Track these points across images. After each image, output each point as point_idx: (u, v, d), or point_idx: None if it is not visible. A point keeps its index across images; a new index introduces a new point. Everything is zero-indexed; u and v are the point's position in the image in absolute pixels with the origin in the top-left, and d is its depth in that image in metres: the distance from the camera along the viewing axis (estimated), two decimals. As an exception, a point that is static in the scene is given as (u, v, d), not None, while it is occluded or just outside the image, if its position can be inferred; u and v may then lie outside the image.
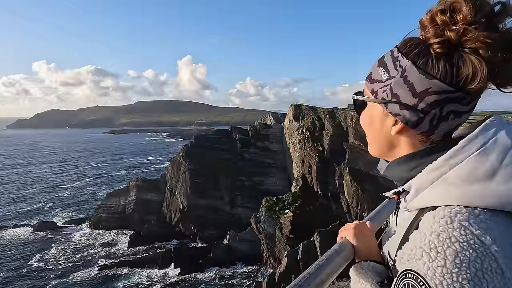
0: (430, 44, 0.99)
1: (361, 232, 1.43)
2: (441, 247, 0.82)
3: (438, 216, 0.89)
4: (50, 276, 52.29)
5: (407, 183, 1.09)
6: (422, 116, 1.01)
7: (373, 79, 1.13)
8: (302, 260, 39.07)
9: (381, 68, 1.10)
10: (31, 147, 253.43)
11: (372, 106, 1.16)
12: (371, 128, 1.20)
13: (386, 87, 1.07)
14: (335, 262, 1.24)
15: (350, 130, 57.36)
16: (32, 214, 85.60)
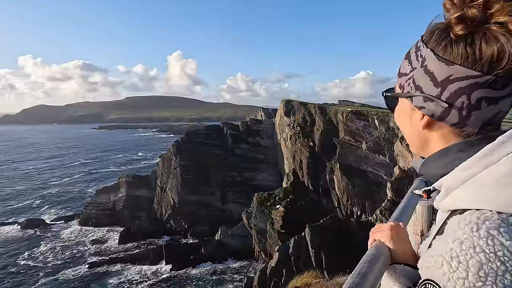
0: (451, 27, 0.92)
1: (398, 234, 1.30)
2: (463, 256, 0.74)
3: (463, 221, 0.81)
4: (39, 274, 51.63)
5: (438, 181, 1.01)
6: (447, 107, 0.93)
7: (400, 73, 1.08)
8: (293, 255, 39.38)
9: (406, 60, 1.05)
10: (17, 144, 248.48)
11: (401, 102, 1.10)
12: (403, 125, 1.13)
13: (410, 80, 1.02)
14: (376, 269, 1.15)
15: (340, 125, 57.74)
16: (19, 212, 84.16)
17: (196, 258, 53.46)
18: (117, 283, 48.34)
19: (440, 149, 1.02)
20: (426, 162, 1.09)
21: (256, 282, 40.99)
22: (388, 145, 50.39)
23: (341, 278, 6.06)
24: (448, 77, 0.90)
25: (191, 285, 47.29)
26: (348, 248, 38.07)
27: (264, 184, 68.92)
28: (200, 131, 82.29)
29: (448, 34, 0.92)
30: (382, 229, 1.36)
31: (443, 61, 0.91)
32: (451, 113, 0.93)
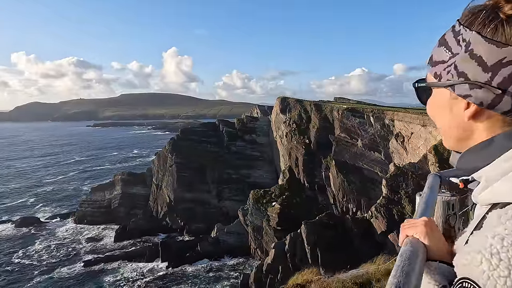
0: (499, 7, 0.85)
1: (432, 230, 1.22)
2: (505, 253, 0.69)
3: (505, 215, 0.76)
4: (34, 273, 51.32)
5: (477, 172, 0.95)
6: (500, 93, 0.85)
7: (434, 61, 0.99)
8: (289, 252, 39.50)
9: (442, 47, 0.97)
10: (11, 141, 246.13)
11: (437, 92, 1.02)
12: (440, 117, 1.05)
13: (450, 67, 0.93)
14: (417, 266, 1.08)
15: (336, 122, 57.85)
16: (13, 210, 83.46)
17: (192, 256, 53.45)
18: (113, 280, 48.21)
19: (483, 140, 0.94)
20: (466, 155, 1.00)
21: (252, 279, 41.10)
22: (384, 142, 50.60)
23: (342, 275, 6.07)
24: (500, 60, 0.83)
25: (187, 282, 47.31)
26: (344, 244, 38.27)
27: (260, 181, 68.98)
28: (196, 128, 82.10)
29: (497, 14, 0.85)
30: (415, 225, 1.24)
31: (493, 44, 0.84)
32: (503, 100, 0.85)
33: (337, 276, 6.07)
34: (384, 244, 37.31)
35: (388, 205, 38.94)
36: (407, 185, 39.31)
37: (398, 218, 37.64)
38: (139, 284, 47.22)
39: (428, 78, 1.05)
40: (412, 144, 45.31)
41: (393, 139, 48.57)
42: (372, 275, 5.96)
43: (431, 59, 1.02)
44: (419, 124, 44.47)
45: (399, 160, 46.54)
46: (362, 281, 5.78)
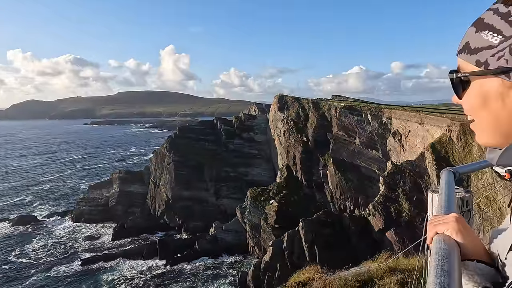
0: None
1: (464, 226, 1.10)
2: None
3: None
4: (31, 271, 51.16)
5: None
6: None
7: (474, 48, 0.88)
8: (287, 250, 39.60)
9: (485, 32, 0.87)
10: (8, 139, 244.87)
11: (480, 83, 0.90)
12: (485, 110, 0.92)
13: (503, 52, 0.82)
14: (456, 265, 1.01)
15: (334, 120, 57.91)
16: (10, 208, 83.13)
17: (190, 254, 53.47)
18: (110, 279, 48.17)
19: None
20: (509, 150, 0.92)
21: (250, 276, 41.18)
22: (381, 140, 50.72)
23: (344, 273, 6.07)
24: None
25: (185, 280, 47.32)
26: (342, 242, 38.40)
27: (258, 179, 69.00)
28: (194, 126, 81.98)
29: None
30: (445, 221, 1.10)
31: None
32: None
33: (339, 274, 6.07)
34: (382, 241, 37.46)
35: (386, 203, 39.06)
36: (404, 183, 39.45)
37: (395, 216, 37.79)
38: (137, 282, 47.19)
39: (464, 67, 0.94)
40: (409, 142, 45.45)
41: (391, 137, 48.71)
42: (374, 272, 5.97)
43: (467, 47, 0.91)
44: (416, 122, 44.59)
45: (397, 158, 46.69)
46: (364, 279, 5.79)
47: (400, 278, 5.47)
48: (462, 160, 35.16)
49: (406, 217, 37.29)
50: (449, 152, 36.50)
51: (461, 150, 35.77)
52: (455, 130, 36.91)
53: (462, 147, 35.82)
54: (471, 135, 35.79)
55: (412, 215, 36.83)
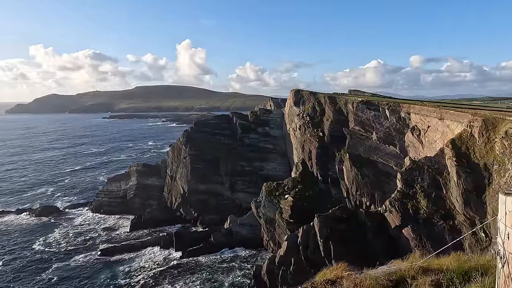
0: None
1: None
2: None
3: None
4: (52, 259, 53.07)
5: None
6: None
7: None
8: (302, 244, 39.57)
9: None
10: (31, 132, 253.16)
11: None
12: None
13: None
14: None
15: (350, 115, 57.11)
16: (34, 199, 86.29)
17: (206, 246, 54.16)
18: (128, 269, 49.39)
19: None
20: None
21: (264, 270, 41.42)
22: (399, 136, 49.74)
23: (373, 271, 5.96)
24: None
25: (200, 272, 48.05)
26: (357, 238, 38.08)
27: (273, 174, 69.01)
28: (210, 120, 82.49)
29: None
30: None
31: None
32: None
33: (368, 272, 5.96)
34: (398, 238, 36.95)
35: (403, 200, 38.42)
36: (422, 180, 38.66)
37: (413, 213, 37.14)
38: (153, 272, 48.23)
39: None
40: (428, 137, 44.39)
41: (409, 132, 47.68)
42: (405, 272, 5.83)
43: None
44: (436, 117, 43.46)
45: (415, 154, 45.72)
46: (396, 278, 5.66)
47: (434, 278, 5.31)
48: (483, 157, 34.12)
49: (424, 214, 36.60)
50: (470, 149, 35.46)
51: (483, 146, 34.69)
52: (476, 126, 35.78)
53: (484, 143, 34.73)
54: (493, 131, 34.62)
55: (430, 212, 36.10)
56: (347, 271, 6.06)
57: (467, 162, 34.55)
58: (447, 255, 6.40)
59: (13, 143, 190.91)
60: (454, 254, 6.34)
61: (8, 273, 48.92)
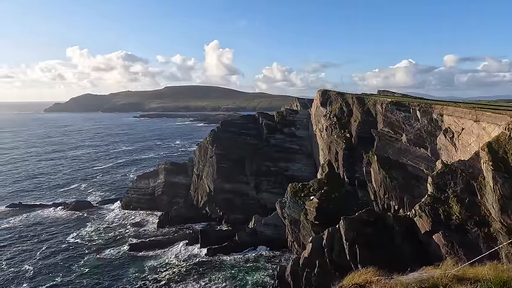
0: None
1: None
2: None
3: None
4: (85, 252, 55.50)
5: None
6: None
7: None
8: (326, 247, 39.03)
9: None
10: (67, 130, 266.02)
11: None
12: None
13: None
14: None
15: (379, 116, 55.66)
16: (69, 194, 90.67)
17: (230, 245, 54.64)
18: (154, 265, 50.73)
19: None
20: None
21: (288, 271, 41.23)
22: (431, 138, 47.90)
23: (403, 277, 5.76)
24: None
25: (225, 270, 48.54)
26: (384, 242, 37.06)
27: (298, 174, 68.52)
28: (236, 120, 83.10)
29: None
30: None
31: None
32: None
33: (398, 278, 5.76)
34: (428, 244, 35.62)
35: (434, 204, 36.96)
36: (455, 184, 37.04)
37: (444, 218, 35.66)
38: (179, 269, 49.25)
39: None
40: (462, 140, 42.44)
41: (441, 134, 45.79)
42: (438, 280, 5.58)
43: None
44: (471, 119, 41.48)
45: (447, 157, 43.86)
46: (428, 286, 5.44)
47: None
48: (523, 161, 32.20)
49: (457, 220, 35.04)
50: (508, 152, 33.56)
51: (523, 150, 32.72)
52: (516, 129, 33.80)
53: (524, 147, 32.76)
54: (535, 134, 32.57)
55: (463, 219, 34.50)
56: (376, 276, 5.87)
57: (505, 167, 32.73)
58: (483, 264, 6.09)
59: (52, 140, 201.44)
60: (491, 263, 6.01)
61: (45, 263, 51.67)
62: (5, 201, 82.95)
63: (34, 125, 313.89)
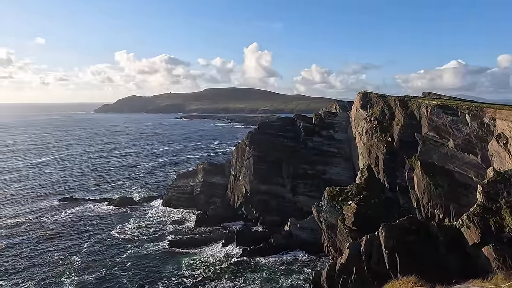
0: None
1: None
2: None
3: None
4: (127, 246, 58.35)
5: None
6: None
7: None
8: (364, 254, 37.83)
9: None
10: (114, 129, 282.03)
11: None
12: None
13: None
14: None
15: (424, 120, 53.03)
16: (114, 190, 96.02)
17: (266, 247, 54.69)
18: (191, 262, 52.09)
19: None
20: None
21: (324, 276, 40.46)
22: (481, 144, 44.78)
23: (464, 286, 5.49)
24: None
25: (260, 271, 48.68)
26: (427, 252, 35.20)
27: (336, 178, 67.12)
28: (273, 122, 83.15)
29: None
30: None
31: None
32: None
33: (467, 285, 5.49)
34: (477, 257, 33.32)
35: (484, 215, 34.51)
36: (509, 194, 34.32)
37: (496, 230, 33.19)
38: (214, 268, 50.16)
39: None
40: (518, 146, 39.23)
41: (494, 140, 42.64)
42: None
43: None
44: (528, 124, 38.23)
45: (500, 164, 40.74)
46: None
47: None
48: None
49: (510, 233, 32.44)
50: None
51: None
52: None
53: None
54: None
55: (518, 231, 31.87)
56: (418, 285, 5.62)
57: None
58: None
59: (101, 139, 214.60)
60: None
61: (91, 255, 55.03)
62: (58, 195, 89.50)
63: (85, 125, 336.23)
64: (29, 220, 71.00)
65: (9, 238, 61.52)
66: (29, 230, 65.41)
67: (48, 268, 49.98)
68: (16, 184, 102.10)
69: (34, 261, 52.43)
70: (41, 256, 54.07)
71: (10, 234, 63.60)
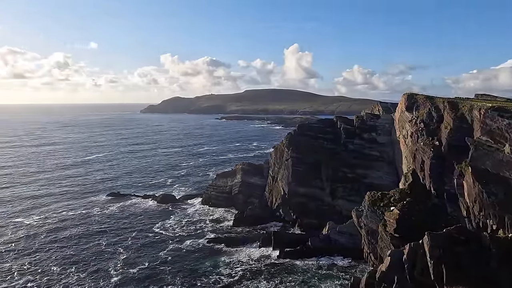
0: None
1: None
2: None
3: None
4: (168, 241, 60.56)
5: None
6: None
7: None
8: (407, 263, 36.14)
9: None
10: (158, 129, 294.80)
11: None
12: None
13: None
14: None
15: (476, 123, 49.53)
16: (157, 187, 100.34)
17: (303, 250, 54.07)
18: (228, 260, 52.85)
19: None
20: None
21: (363, 283, 39.20)
22: (543, 150, 40.91)
23: None
24: None
25: (297, 274, 48.22)
26: (477, 264, 32.85)
27: (378, 183, 64.73)
28: (313, 124, 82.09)
29: None
30: None
31: None
32: None
33: None
34: (535, 273, 30.52)
35: (544, 227, 31.53)
36: None
37: (558, 245, 30.20)
38: (251, 268, 50.47)
39: None
40: None
41: (558, 146, 38.79)
42: None
43: None
44: None
45: None
46: None
47: None
48: None
49: None
50: None
51: None
52: None
53: None
54: None
55: None
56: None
57: None
58: None
59: (147, 139, 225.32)
60: None
61: (135, 248, 57.85)
62: (106, 191, 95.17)
63: (132, 125, 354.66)
64: (81, 214, 76.25)
65: (61, 230, 66.49)
66: (80, 223, 70.17)
67: (96, 260, 53.27)
68: (71, 179, 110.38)
69: (84, 252, 56.16)
70: (90, 248, 57.78)
71: (62, 226, 68.64)
